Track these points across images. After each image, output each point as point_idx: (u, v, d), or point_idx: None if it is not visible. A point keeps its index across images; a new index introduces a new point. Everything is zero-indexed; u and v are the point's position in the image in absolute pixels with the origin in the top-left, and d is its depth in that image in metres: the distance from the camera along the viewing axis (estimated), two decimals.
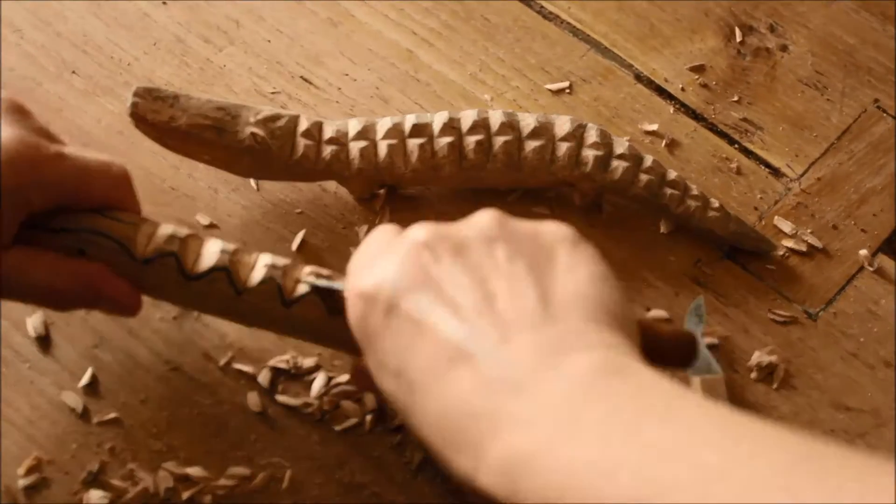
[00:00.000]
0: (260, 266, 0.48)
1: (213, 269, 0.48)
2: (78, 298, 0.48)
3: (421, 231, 0.42)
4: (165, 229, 0.49)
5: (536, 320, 0.39)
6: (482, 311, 0.39)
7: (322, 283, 0.48)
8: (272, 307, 0.48)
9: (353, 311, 0.43)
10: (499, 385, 0.37)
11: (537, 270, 0.41)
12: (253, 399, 0.53)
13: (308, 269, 0.49)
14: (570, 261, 0.41)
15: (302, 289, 0.48)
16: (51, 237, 0.48)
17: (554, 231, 0.43)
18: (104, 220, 0.49)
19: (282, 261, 0.49)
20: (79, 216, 0.48)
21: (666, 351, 0.46)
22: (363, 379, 0.47)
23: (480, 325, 0.39)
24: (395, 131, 0.57)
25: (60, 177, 0.47)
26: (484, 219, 0.43)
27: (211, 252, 0.49)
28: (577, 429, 0.35)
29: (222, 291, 0.48)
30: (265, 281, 0.48)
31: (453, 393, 0.38)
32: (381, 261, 0.42)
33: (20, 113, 0.47)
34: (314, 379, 0.54)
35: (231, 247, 0.49)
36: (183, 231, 0.49)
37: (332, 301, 0.47)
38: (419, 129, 0.57)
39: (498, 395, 0.37)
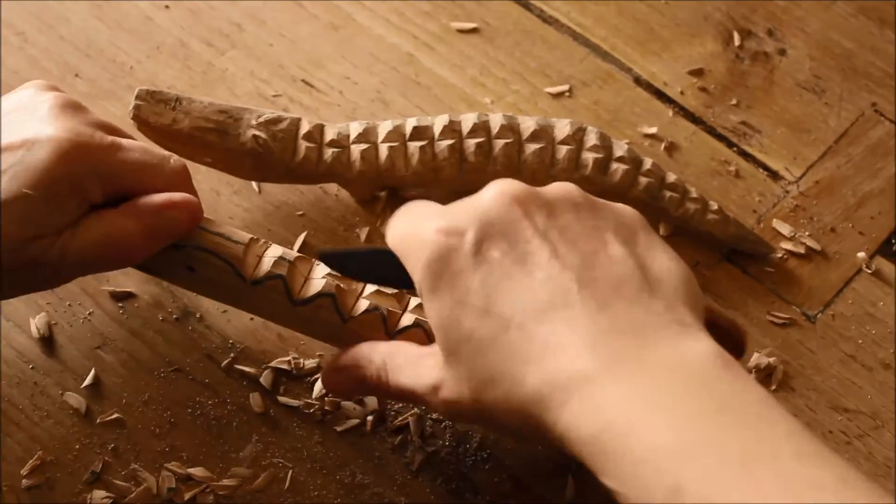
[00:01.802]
0: (366, 295, 0.49)
1: (320, 295, 0.48)
2: (143, 240, 0.48)
3: (508, 185, 0.42)
4: (275, 251, 0.49)
5: (638, 292, 0.39)
6: (581, 270, 0.39)
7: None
8: (376, 335, 0.48)
9: (432, 248, 0.41)
10: (603, 338, 0.37)
11: (628, 244, 0.41)
12: (255, 400, 0.54)
13: (414, 302, 0.49)
14: (649, 242, 0.42)
15: (406, 322, 0.48)
16: (160, 252, 0.48)
17: (631, 213, 0.43)
18: (213, 238, 0.49)
19: (389, 290, 0.49)
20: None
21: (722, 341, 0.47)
22: (337, 378, 0.48)
23: (581, 282, 0.39)
24: (396, 134, 0.57)
25: (116, 167, 0.47)
26: (567, 186, 0.43)
27: (318, 277, 0.49)
28: (671, 408, 0.35)
29: (327, 318, 0.48)
30: (369, 311, 0.48)
31: (560, 331, 0.38)
32: (463, 206, 0.42)
33: (74, 108, 0.48)
34: (316, 380, 0.54)
35: (339, 275, 0.49)
36: (292, 254, 0.49)
37: None
38: (420, 132, 0.57)
39: (600, 344, 0.37)
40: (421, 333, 0.48)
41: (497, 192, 0.42)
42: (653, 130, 0.63)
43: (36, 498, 0.51)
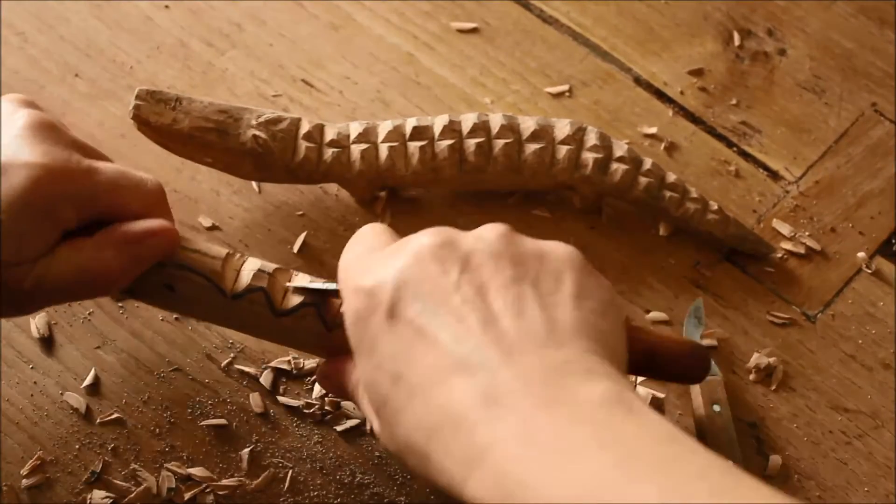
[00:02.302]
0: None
1: (303, 305, 0.48)
2: (122, 269, 0.47)
3: (428, 238, 0.42)
4: (252, 264, 0.48)
5: (540, 343, 0.38)
6: (487, 327, 0.39)
7: (317, 285, 0.48)
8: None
9: (351, 306, 0.42)
10: (504, 399, 0.37)
11: (544, 294, 0.40)
12: (255, 400, 0.54)
13: None
14: (576, 289, 0.41)
15: None
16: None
17: (562, 255, 0.42)
18: (189, 255, 0.48)
19: None
20: None
21: (672, 368, 0.46)
22: (331, 380, 0.47)
23: (485, 341, 0.38)
24: (396, 134, 0.57)
25: (92, 191, 0.46)
26: (492, 234, 0.42)
27: (299, 287, 0.48)
28: (579, 462, 0.35)
29: (311, 328, 0.48)
30: None
31: (456, 398, 0.38)
32: (386, 260, 0.42)
33: (49, 129, 0.47)
34: (316, 380, 0.54)
35: (320, 281, 0.49)
36: (270, 265, 0.49)
37: None
38: (420, 132, 0.57)
39: (501, 411, 0.37)
40: None
41: (415, 248, 0.41)
42: (653, 130, 0.63)
43: (36, 498, 0.51)
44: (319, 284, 0.48)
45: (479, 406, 0.37)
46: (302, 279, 0.49)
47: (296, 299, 0.48)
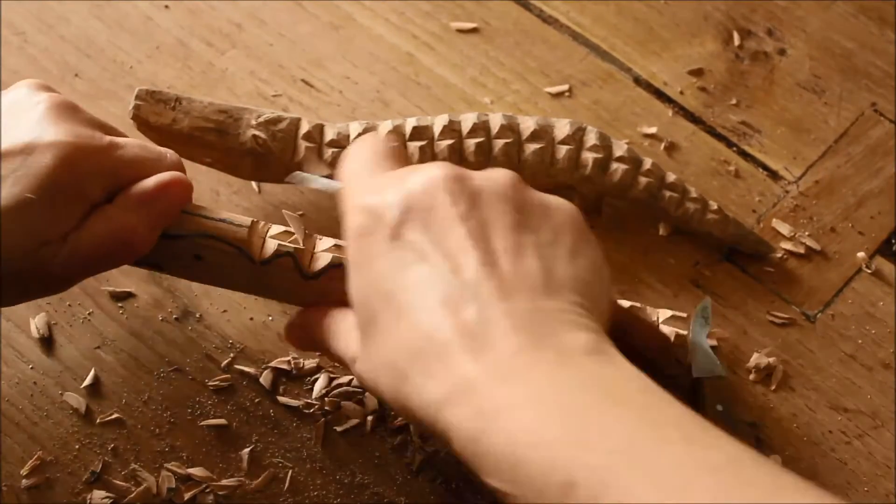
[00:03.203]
0: None
1: (330, 266, 0.48)
2: (147, 227, 0.48)
3: (441, 170, 0.42)
4: (276, 228, 0.49)
5: (534, 290, 0.39)
6: (486, 264, 0.40)
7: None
8: None
9: (354, 222, 0.42)
10: (492, 334, 0.38)
11: (543, 245, 0.41)
12: (255, 400, 0.54)
13: None
14: (573, 245, 0.42)
15: None
16: (160, 244, 0.48)
17: (564, 211, 0.43)
18: (215, 224, 0.49)
19: None
20: (182, 220, 0.49)
21: (641, 348, 0.47)
22: (293, 333, 0.48)
23: (482, 276, 0.39)
24: (396, 134, 0.57)
25: (116, 166, 0.47)
26: (503, 179, 0.43)
27: (325, 250, 0.49)
28: (560, 398, 0.36)
29: (341, 288, 0.48)
30: None
31: (447, 325, 0.38)
32: (395, 183, 0.42)
33: (71, 109, 0.48)
34: (316, 380, 0.54)
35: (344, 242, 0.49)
36: (296, 230, 0.49)
37: None
38: (420, 132, 0.57)
39: (487, 344, 0.37)
40: None
41: (427, 176, 0.42)
42: (652, 130, 0.63)
43: (36, 498, 0.51)
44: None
45: (468, 336, 0.38)
46: (326, 242, 0.49)
47: (323, 261, 0.48)
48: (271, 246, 0.49)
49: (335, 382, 0.54)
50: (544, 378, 0.37)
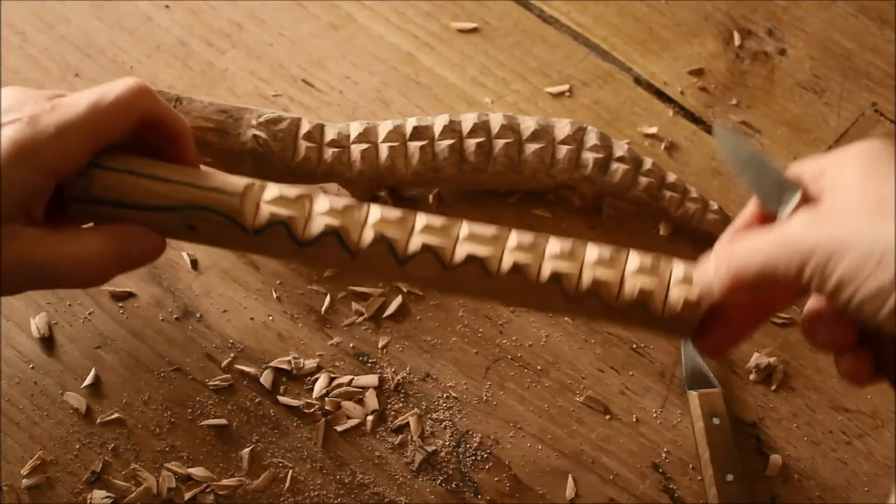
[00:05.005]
0: (371, 224, 0.48)
1: (325, 234, 0.48)
2: (112, 265, 0.47)
3: None
4: (272, 192, 0.48)
5: None
6: None
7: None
8: (387, 265, 0.47)
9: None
10: None
11: None
12: (255, 400, 0.54)
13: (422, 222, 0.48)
14: None
15: (414, 247, 0.47)
16: (153, 216, 0.47)
17: None
18: (208, 194, 0.48)
19: (392, 213, 0.48)
20: (175, 190, 0.48)
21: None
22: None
23: None
24: (396, 134, 0.57)
25: (68, 124, 0.45)
26: None
27: (320, 215, 0.48)
28: None
29: (335, 255, 0.47)
30: (376, 241, 0.47)
31: None
32: None
33: (18, 91, 0.46)
34: (316, 380, 0.54)
35: (341, 204, 0.48)
36: (291, 191, 0.48)
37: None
38: (420, 132, 0.57)
39: None
40: (430, 257, 0.47)
41: None
42: (653, 130, 0.63)
43: (36, 498, 0.51)
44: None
45: None
46: (322, 203, 0.48)
47: (317, 228, 0.48)
48: (265, 214, 0.48)
49: (335, 382, 0.54)
50: None
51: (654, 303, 0.48)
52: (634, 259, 0.48)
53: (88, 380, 0.54)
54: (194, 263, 0.57)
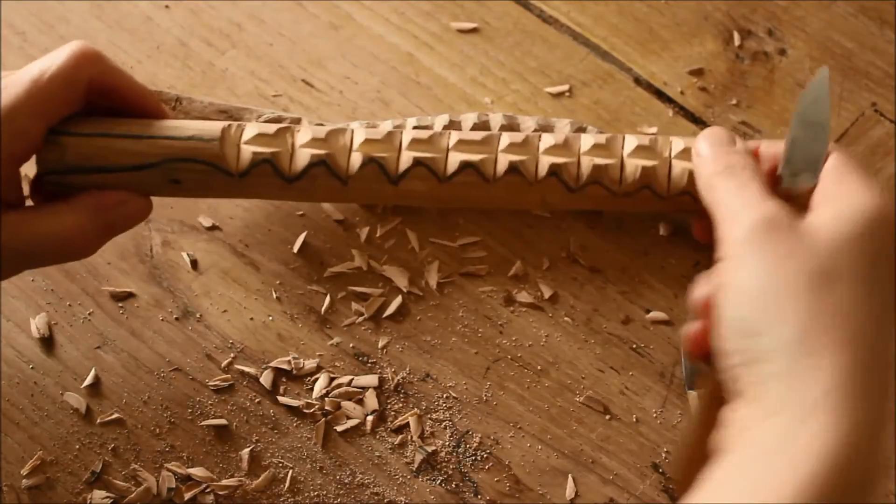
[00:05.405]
0: (356, 148, 0.47)
1: (311, 166, 0.47)
2: (97, 236, 0.48)
3: None
4: (251, 130, 0.47)
5: None
6: None
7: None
8: (380, 187, 0.47)
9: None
10: None
11: None
12: (255, 400, 0.54)
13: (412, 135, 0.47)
14: None
15: (406, 163, 0.47)
16: (133, 176, 0.47)
17: None
18: (186, 144, 0.47)
19: (377, 133, 0.47)
20: (152, 145, 0.47)
21: None
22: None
23: None
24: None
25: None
26: None
27: (304, 146, 0.47)
28: None
29: (326, 185, 0.47)
30: (365, 164, 0.47)
31: None
32: None
33: None
34: (316, 380, 0.54)
35: (323, 131, 0.47)
36: (270, 126, 0.47)
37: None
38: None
39: None
40: (423, 171, 0.47)
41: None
42: (653, 130, 0.63)
43: (36, 498, 0.51)
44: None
45: None
46: (304, 134, 0.47)
47: (303, 161, 0.47)
48: (247, 155, 0.47)
49: (335, 382, 0.54)
50: None
51: (657, 180, 0.47)
52: (631, 140, 0.48)
53: (88, 380, 0.54)
54: (194, 263, 0.57)
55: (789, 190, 0.46)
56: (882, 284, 0.41)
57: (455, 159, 0.47)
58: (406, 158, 0.47)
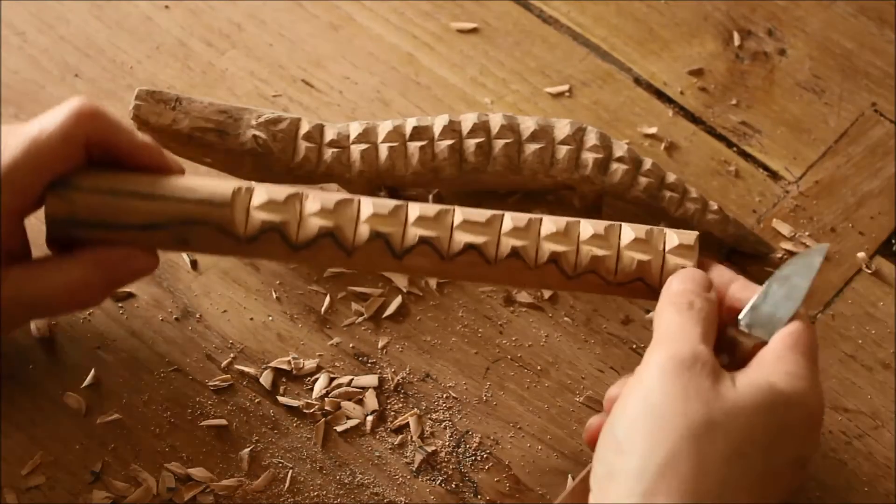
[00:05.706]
0: (363, 222, 0.47)
1: (319, 237, 0.47)
2: (102, 290, 0.49)
3: None
4: (261, 196, 0.48)
5: None
6: None
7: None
8: (384, 260, 0.47)
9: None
10: None
11: None
12: (255, 400, 0.54)
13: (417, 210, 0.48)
14: None
15: (411, 240, 0.47)
16: (143, 234, 0.47)
17: None
18: (197, 208, 0.48)
19: (384, 207, 0.48)
20: (163, 207, 0.47)
21: None
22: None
23: None
24: (396, 134, 0.57)
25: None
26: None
27: (312, 216, 0.48)
28: None
29: (331, 255, 0.47)
30: (372, 238, 0.47)
31: None
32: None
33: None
34: (316, 380, 0.54)
35: (332, 202, 0.48)
36: (280, 193, 0.48)
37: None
38: (420, 132, 0.57)
39: None
40: (427, 249, 0.47)
41: None
42: (653, 130, 0.64)
43: (36, 498, 0.51)
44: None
45: None
46: (313, 203, 0.48)
47: (311, 230, 0.47)
48: (256, 221, 0.48)
49: (335, 382, 0.54)
50: None
51: (651, 273, 0.48)
52: (628, 232, 0.49)
53: (88, 380, 0.54)
54: (194, 264, 0.57)
55: (740, 335, 0.47)
56: (752, 463, 0.42)
57: (459, 239, 0.48)
58: (411, 235, 0.48)
